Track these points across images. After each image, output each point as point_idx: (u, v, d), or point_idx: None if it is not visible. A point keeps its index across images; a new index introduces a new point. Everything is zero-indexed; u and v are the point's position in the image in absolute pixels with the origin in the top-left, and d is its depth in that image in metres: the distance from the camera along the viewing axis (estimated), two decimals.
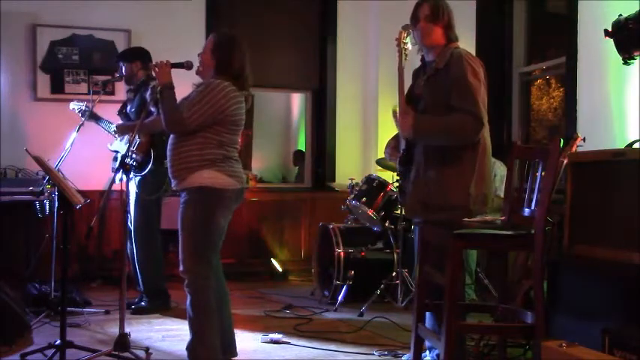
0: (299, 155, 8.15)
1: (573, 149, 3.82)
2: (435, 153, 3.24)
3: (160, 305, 4.92)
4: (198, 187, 3.37)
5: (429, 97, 3.27)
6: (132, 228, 4.88)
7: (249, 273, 6.43)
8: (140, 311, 4.86)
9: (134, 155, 4.70)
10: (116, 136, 4.98)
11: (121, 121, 5.01)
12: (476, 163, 3.20)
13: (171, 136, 3.50)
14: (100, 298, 5.24)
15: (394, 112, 3.32)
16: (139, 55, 5.02)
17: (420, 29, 3.29)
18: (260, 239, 6.69)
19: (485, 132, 3.23)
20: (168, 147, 3.49)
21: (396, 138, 3.53)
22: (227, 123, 3.40)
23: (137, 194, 4.83)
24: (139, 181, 4.79)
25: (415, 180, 3.32)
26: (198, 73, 3.57)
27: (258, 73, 5.86)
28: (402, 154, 3.40)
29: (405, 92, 3.38)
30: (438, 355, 3.30)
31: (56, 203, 4.83)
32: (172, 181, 3.50)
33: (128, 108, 5.04)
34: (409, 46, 3.38)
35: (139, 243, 4.88)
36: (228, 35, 3.58)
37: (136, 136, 4.71)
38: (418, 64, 3.45)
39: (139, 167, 4.75)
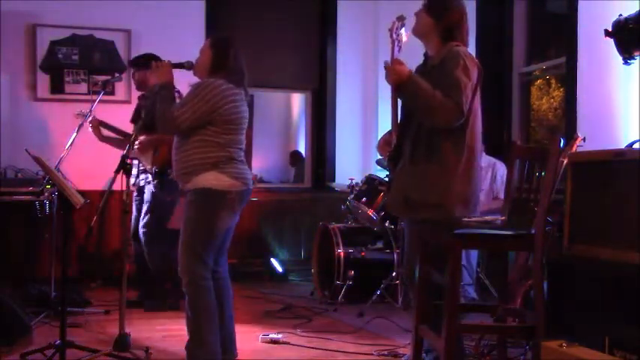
0: (296, 156, 8.14)
1: (573, 149, 3.81)
2: (422, 147, 3.15)
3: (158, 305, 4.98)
4: (201, 189, 3.38)
5: None
6: (141, 227, 4.94)
7: (249, 273, 6.43)
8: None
9: (150, 172, 4.85)
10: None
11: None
12: (461, 162, 3.10)
13: (175, 138, 3.52)
14: (100, 298, 5.24)
15: (386, 63, 3.16)
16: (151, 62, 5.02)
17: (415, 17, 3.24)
18: (260, 239, 6.69)
19: (472, 133, 3.13)
20: (172, 149, 3.52)
21: (389, 134, 3.51)
22: (221, 123, 3.38)
23: (153, 194, 4.89)
24: (158, 182, 4.83)
25: (400, 172, 3.26)
26: (195, 74, 3.59)
27: (258, 73, 5.91)
28: (392, 149, 3.34)
29: None
30: (436, 358, 3.29)
31: (56, 203, 4.85)
32: (178, 182, 3.55)
33: (143, 115, 5.05)
34: (403, 37, 3.33)
35: (148, 242, 4.94)
36: (223, 36, 3.64)
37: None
38: (413, 56, 3.37)
39: (160, 174, 4.83)
